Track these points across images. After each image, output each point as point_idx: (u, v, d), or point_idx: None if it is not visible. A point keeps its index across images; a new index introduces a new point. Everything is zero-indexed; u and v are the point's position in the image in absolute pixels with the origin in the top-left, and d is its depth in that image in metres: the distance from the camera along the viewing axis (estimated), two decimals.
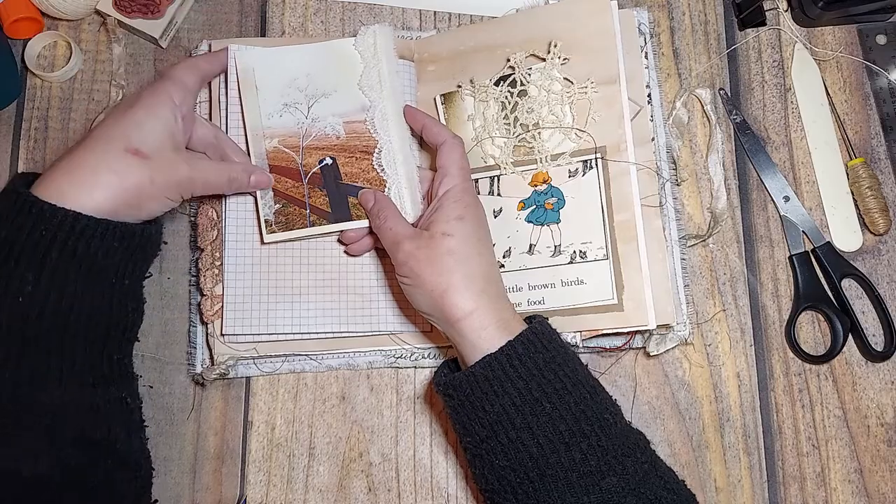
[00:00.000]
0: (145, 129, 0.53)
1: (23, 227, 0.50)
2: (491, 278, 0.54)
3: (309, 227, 0.61)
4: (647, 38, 0.66)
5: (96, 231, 0.51)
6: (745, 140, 0.67)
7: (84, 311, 0.51)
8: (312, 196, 0.61)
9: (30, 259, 0.49)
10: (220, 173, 0.58)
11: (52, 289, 0.50)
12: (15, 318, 0.49)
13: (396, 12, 0.70)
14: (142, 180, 0.52)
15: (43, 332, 0.50)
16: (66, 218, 0.50)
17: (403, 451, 0.62)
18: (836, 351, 0.63)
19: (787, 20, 0.69)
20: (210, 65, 0.61)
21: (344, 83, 0.62)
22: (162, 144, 0.54)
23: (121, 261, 0.53)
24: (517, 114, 0.63)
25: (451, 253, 0.53)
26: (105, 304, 0.52)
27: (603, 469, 0.49)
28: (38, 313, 0.49)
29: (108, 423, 0.53)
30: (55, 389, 0.50)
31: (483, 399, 0.50)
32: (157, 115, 0.54)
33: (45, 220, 0.49)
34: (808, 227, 0.65)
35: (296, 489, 0.62)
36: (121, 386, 0.55)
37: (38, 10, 0.68)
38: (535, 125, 0.62)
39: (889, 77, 0.68)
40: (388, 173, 0.60)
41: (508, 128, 0.63)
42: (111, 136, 0.52)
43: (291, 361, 0.63)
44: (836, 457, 0.62)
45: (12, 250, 0.49)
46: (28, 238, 0.49)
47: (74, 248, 0.50)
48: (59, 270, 0.50)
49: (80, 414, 0.51)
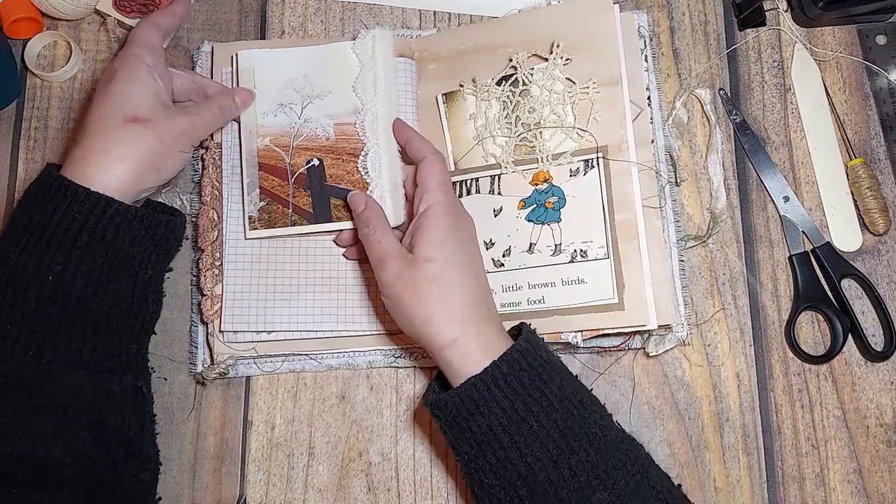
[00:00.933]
0: (132, 96, 0.55)
1: (57, 209, 0.52)
2: (475, 301, 0.53)
3: (290, 226, 0.61)
4: (646, 42, 0.66)
5: (125, 217, 0.53)
6: (745, 140, 0.67)
7: (108, 297, 0.53)
8: (297, 196, 0.61)
9: (61, 241, 0.51)
10: (211, 109, 0.59)
11: (79, 271, 0.51)
12: (42, 297, 0.51)
13: (396, 12, 0.70)
14: (152, 143, 0.54)
15: (68, 315, 0.51)
16: (98, 202, 0.52)
17: (403, 450, 0.63)
18: (835, 351, 0.63)
19: (786, 20, 0.69)
20: (169, 18, 0.62)
21: (339, 85, 0.63)
22: (153, 105, 0.55)
23: (145, 250, 0.55)
24: (519, 113, 0.63)
25: (434, 280, 0.52)
26: (128, 292, 0.54)
27: (593, 484, 0.48)
28: (65, 295, 0.51)
29: (123, 411, 0.54)
30: (75, 372, 0.51)
31: (469, 419, 0.50)
32: (136, 80, 0.56)
33: (79, 202, 0.51)
34: (807, 227, 0.65)
35: (295, 489, 0.62)
36: (137, 375, 0.56)
37: (37, 10, 0.68)
38: (536, 125, 0.62)
39: (889, 77, 0.68)
40: (372, 177, 0.61)
41: (510, 127, 0.63)
42: (105, 114, 0.54)
43: (291, 361, 0.63)
44: (836, 457, 0.62)
45: (45, 231, 0.51)
46: (61, 220, 0.51)
47: (104, 232, 0.52)
48: (88, 254, 0.52)
49: (98, 398, 0.52)
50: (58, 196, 0.52)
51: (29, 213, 0.52)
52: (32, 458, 0.49)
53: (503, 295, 0.61)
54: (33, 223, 0.52)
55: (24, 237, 0.52)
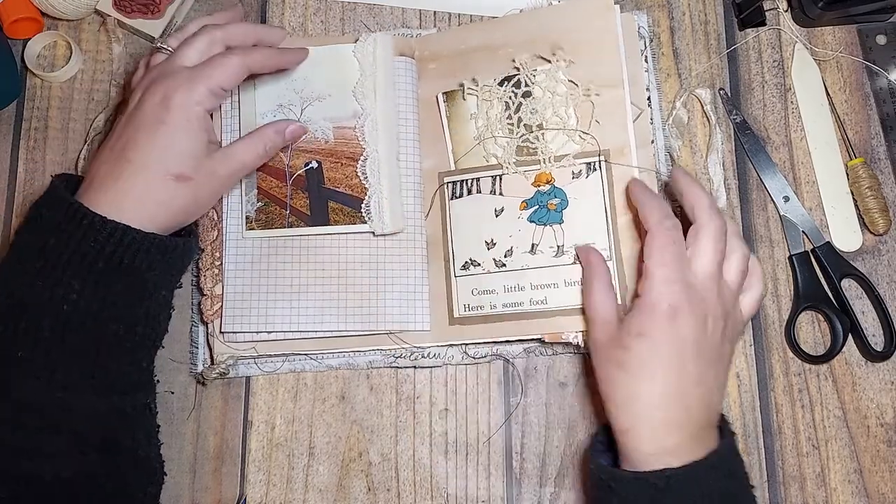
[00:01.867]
0: (180, 149, 0.53)
1: (72, 236, 0.50)
2: None
3: (287, 227, 0.61)
4: (646, 42, 0.66)
5: (142, 245, 0.51)
6: (745, 140, 0.67)
7: (123, 321, 0.52)
8: (294, 198, 0.61)
9: (77, 268, 0.50)
10: (253, 148, 0.57)
11: (94, 298, 0.50)
12: (57, 325, 0.49)
13: (396, 12, 0.70)
14: (187, 202, 0.53)
15: (82, 341, 0.50)
16: (115, 231, 0.50)
17: (403, 450, 0.62)
18: (835, 351, 0.63)
19: (787, 20, 0.69)
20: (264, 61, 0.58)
21: (338, 88, 0.63)
22: (199, 159, 0.53)
23: (160, 273, 0.54)
24: (521, 114, 0.63)
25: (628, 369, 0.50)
26: (142, 314, 0.53)
27: None
28: (80, 323, 0.50)
29: (134, 430, 0.53)
30: (89, 396, 0.51)
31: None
32: (188, 130, 0.53)
33: (95, 231, 0.50)
34: (807, 227, 0.65)
35: (295, 489, 0.62)
36: (147, 392, 0.55)
37: (38, 10, 0.68)
38: (538, 126, 0.62)
39: (889, 77, 0.68)
40: (370, 182, 0.61)
41: (512, 128, 0.63)
42: (148, 164, 0.52)
43: (292, 361, 0.63)
44: (836, 457, 0.62)
45: (60, 257, 0.50)
46: (77, 248, 0.50)
47: (121, 259, 0.50)
48: (103, 280, 0.50)
49: (110, 420, 0.51)
50: (73, 223, 0.50)
51: (42, 237, 0.51)
52: (41, 479, 0.49)
53: (505, 295, 0.61)
54: (48, 248, 0.50)
55: (38, 262, 0.50)
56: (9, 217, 0.66)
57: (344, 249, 0.62)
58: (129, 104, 0.56)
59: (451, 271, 0.63)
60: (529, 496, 0.61)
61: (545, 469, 0.62)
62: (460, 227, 0.63)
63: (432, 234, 0.63)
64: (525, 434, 0.62)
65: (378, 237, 0.62)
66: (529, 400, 0.63)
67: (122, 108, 0.68)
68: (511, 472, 0.62)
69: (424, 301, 0.62)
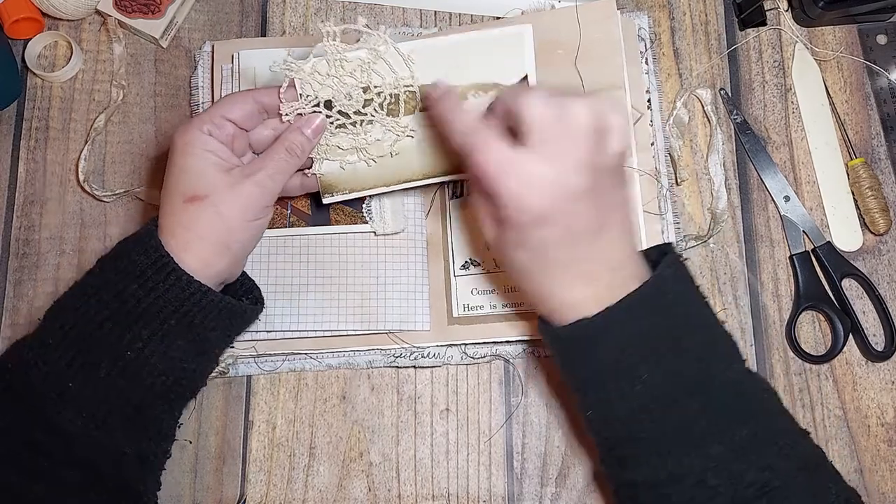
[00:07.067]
0: (191, 171, 0.52)
1: (155, 288, 0.50)
2: None
3: (288, 227, 0.61)
4: (647, 44, 0.66)
5: (216, 307, 0.51)
6: (746, 140, 0.67)
7: (174, 375, 0.52)
8: (296, 197, 0.61)
9: (149, 319, 0.50)
10: (277, 155, 0.54)
11: (157, 351, 0.50)
12: (115, 369, 0.49)
13: (397, 12, 0.70)
14: (211, 220, 0.51)
15: (133, 388, 0.50)
16: (196, 291, 0.50)
17: (404, 451, 0.62)
18: (836, 351, 0.63)
19: (787, 20, 0.69)
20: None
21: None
22: (213, 177, 0.52)
23: (222, 334, 0.54)
24: None
25: None
26: (193, 370, 0.53)
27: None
28: (136, 371, 0.50)
29: (146, 478, 0.53)
30: (121, 438, 0.50)
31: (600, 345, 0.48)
32: (193, 153, 0.52)
33: (181, 287, 0.50)
34: (808, 226, 0.65)
35: (296, 489, 0.62)
36: (170, 440, 0.55)
37: (38, 10, 0.68)
38: None
39: (889, 77, 0.68)
40: None
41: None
42: (169, 192, 0.52)
43: (292, 360, 0.63)
44: (837, 456, 0.62)
45: (138, 305, 0.50)
46: (156, 301, 0.50)
47: (192, 319, 0.51)
48: (170, 336, 0.50)
49: (131, 465, 0.51)
50: (161, 275, 0.50)
51: (125, 280, 0.50)
52: None
53: (506, 295, 0.61)
54: (127, 293, 0.50)
55: (115, 304, 0.50)
56: (9, 217, 0.66)
57: (344, 249, 0.62)
58: None
59: (451, 271, 0.63)
60: (531, 496, 0.61)
61: (546, 469, 0.62)
62: (460, 227, 0.63)
63: (432, 233, 0.63)
64: (526, 434, 0.62)
65: (379, 237, 0.62)
66: (530, 400, 0.63)
67: (123, 108, 0.68)
68: (512, 471, 0.62)
69: (424, 301, 0.62)
